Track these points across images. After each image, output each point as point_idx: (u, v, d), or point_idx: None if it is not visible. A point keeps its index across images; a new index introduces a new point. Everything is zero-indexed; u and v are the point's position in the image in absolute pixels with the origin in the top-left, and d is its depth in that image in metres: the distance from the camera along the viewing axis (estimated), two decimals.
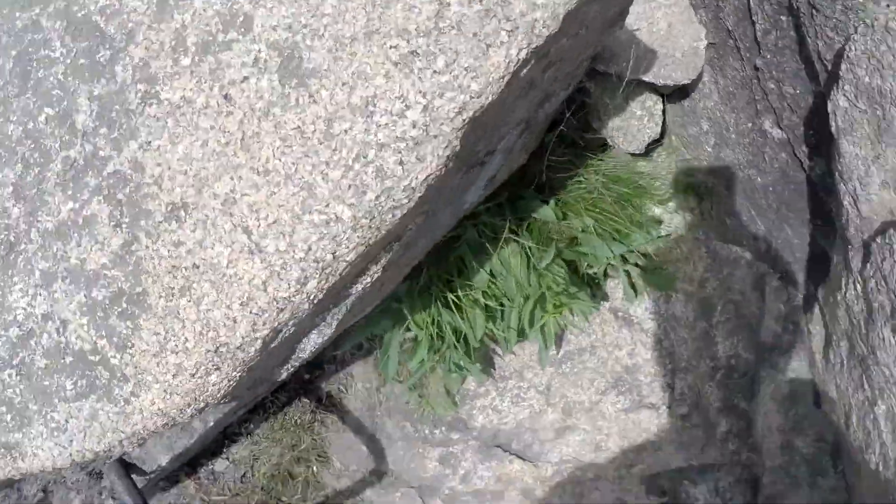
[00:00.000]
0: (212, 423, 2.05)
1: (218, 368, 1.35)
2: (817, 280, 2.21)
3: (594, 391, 2.32)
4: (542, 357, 2.20)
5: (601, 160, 2.20)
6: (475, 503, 2.38)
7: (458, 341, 2.14)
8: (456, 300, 2.06)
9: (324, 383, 2.37)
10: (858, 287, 1.88)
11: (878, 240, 1.75)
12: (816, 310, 2.17)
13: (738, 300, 2.32)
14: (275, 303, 1.30)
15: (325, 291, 1.33)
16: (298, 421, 2.35)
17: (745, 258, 2.32)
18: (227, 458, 2.43)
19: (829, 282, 2.09)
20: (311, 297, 1.33)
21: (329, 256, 1.29)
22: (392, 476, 2.38)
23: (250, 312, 1.31)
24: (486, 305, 2.09)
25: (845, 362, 2.01)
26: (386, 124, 1.25)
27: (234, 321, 1.31)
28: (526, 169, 2.06)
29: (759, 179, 2.21)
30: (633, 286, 2.23)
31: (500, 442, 2.35)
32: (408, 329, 2.15)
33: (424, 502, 2.38)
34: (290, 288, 1.30)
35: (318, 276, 1.31)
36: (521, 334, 2.18)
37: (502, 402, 2.34)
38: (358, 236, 1.29)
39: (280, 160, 1.26)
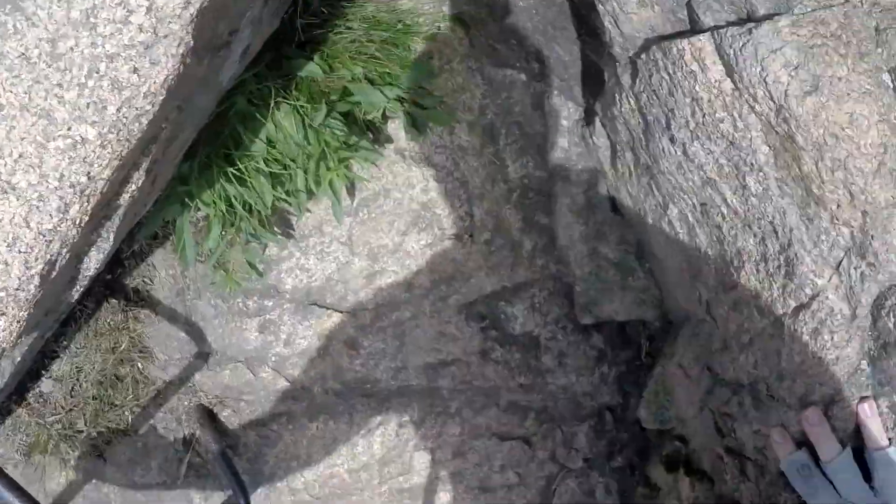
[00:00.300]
0: (19, 359, 2.06)
1: (3, 314, 1.39)
2: (594, 94, 2.33)
3: (395, 233, 2.42)
4: (336, 212, 2.27)
5: (361, 6, 2.21)
6: (303, 363, 2.47)
7: (249, 212, 2.17)
8: (238, 172, 2.08)
9: (127, 280, 2.38)
10: (632, 101, 1.99)
11: (644, 56, 1.86)
12: (598, 123, 2.29)
13: (520, 121, 2.43)
14: (41, 237, 1.35)
15: (90, 213, 1.37)
16: (112, 323, 2.37)
17: (520, 80, 2.42)
18: (51, 377, 2.44)
19: (605, 96, 2.19)
20: (78, 222, 1.36)
21: (84, 179, 1.32)
22: (217, 355, 2.46)
23: (19, 252, 1.34)
24: (270, 172, 2.12)
25: (633, 171, 2.15)
26: (111, 34, 1.25)
27: (7, 264, 1.34)
28: (285, 30, 2.06)
29: (520, 3, 2.28)
30: (414, 125, 2.30)
31: (314, 300, 2.44)
32: (198, 209, 2.17)
33: (254, 373, 2.46)
34: (52, 219, 1.34)
35: (78, 200, 1.34)
36: (311, 193, 2.23)
37: (308, 261, 2.42)
38: (108, 152, 1.32)
39: (12, 92, 1.26)
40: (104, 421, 2.44)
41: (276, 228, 2.33)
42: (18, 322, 1.41)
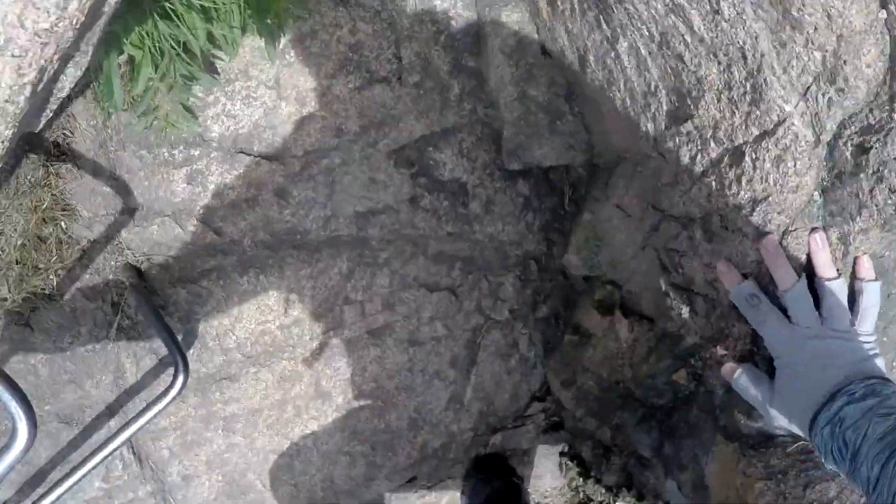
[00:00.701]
0: None
1: None
2: None
3: (324, 76, 2.45)
4: (269, 51, 2.29)
5: None
6: (232, 215, 2.50)
7: (180, 52, 2.17)
8: (170, 7, 2.06)
9: (47, 133, 2.33)
10: None
11: None
12: None
13: None
14: (37, 38, 1.28)
15: (87, 11, 1.32)
16: (32, 180, 2.32)
17: None
18: None
19: None
20: (75, 22, 1.31)
21: None
22: (143, 209, 2.45)
23: (12, 56, 1.27)
24: (201, 7, 2.10)
25: (576, 6, 2.18)
26: None
27: None
28: None
29: None
30: None
31: (241, 147, 2.46)
32: (122, 52, 2.14)
33: (182, 227, 2.47)
34: (50, 16, 1.27)
35: None
36: (244, 30, 2.23)
37: (234, 106, 2.43)
38: None
39: None
40: (28, 286, 2.41)
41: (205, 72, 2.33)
42: (2, 142, 1.37)
